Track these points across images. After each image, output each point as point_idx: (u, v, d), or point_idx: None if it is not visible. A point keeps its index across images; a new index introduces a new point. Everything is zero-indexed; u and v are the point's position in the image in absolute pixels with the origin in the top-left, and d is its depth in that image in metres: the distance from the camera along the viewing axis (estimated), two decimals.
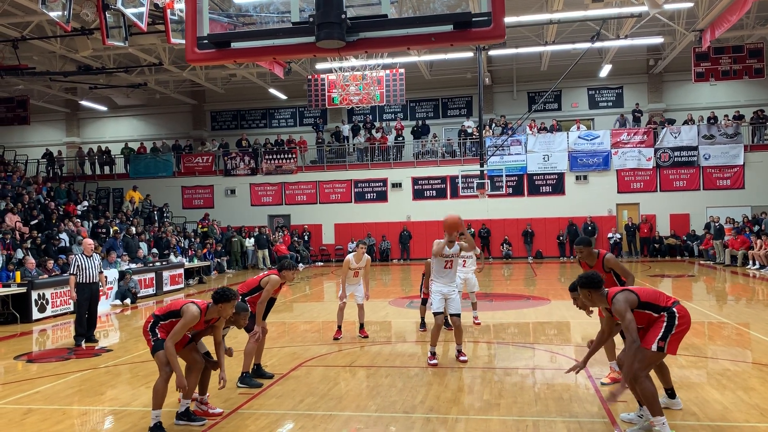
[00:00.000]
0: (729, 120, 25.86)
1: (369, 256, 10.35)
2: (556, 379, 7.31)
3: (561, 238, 26.20)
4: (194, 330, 5.89)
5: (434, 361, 8.06)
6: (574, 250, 7.15)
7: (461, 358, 8.22)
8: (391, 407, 6.29)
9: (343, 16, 3.36)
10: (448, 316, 8.74)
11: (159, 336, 5.71)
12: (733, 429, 5.44)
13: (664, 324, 5.19)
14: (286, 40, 3.52)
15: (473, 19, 3.33)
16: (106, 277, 12.03)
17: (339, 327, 10.19)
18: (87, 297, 10.59)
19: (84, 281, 10.53)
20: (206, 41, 3.62)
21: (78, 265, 10.55)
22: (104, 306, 15.33)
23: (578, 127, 27.29)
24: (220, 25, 3.86)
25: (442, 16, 3.44)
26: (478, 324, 10.87)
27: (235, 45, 3.61)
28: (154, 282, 17.77)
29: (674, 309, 5.22)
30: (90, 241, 11.02)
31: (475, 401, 6.45)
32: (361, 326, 10.27)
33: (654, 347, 5.17)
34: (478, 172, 23.05)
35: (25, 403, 6.85)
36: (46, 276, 14.38)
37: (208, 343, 6.29)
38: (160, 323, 5.78)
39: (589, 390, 6.77)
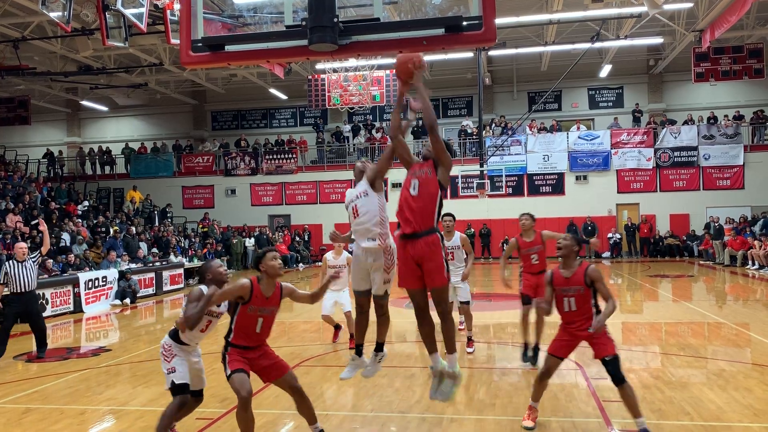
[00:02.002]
0: (729, 120, 25.87)
1: (350, 254, 9.80)
2: (552, 379, 7.31)
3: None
4: (264, 308, 4.98)
5: None
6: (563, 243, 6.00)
7: (468, 349, 8.24)
8: (387, 407, 6.32)
9: (336, 19, 3.39)
10: (456, 307, 8.57)
11: (228, 364, 4.94)
12: (726, 429, 5.47)
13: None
14: (279, 44, 3.55)
15: (464, 23, 3.36)
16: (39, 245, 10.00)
17: (336, 327, 9.63)
18: (17, 310, 9.22)
19: (16, 290, 9.10)
20: (200, 44, 3.65)
21: (6, 272, 9.08)
22: (104, 306, 15.42)
23: (578, 127, 27.31)
24: (214, 27, 3.90)
25: (434, 20, 3.48)
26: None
27: (228, 48, 3.65)
28: (153, 282, 17.82)
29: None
30: (23, 244, 9.57)
31: (471, 401, 6.48)
32: (352, 336, 9.42)
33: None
34: (478, 172, 23.08)
35: (24, 403, 6.90)
36: (46, 276, 14.42)
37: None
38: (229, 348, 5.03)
39: (585, 390, 6.79)
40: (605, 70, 26.43)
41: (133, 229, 21.27)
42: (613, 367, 5.16)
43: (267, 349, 5.14)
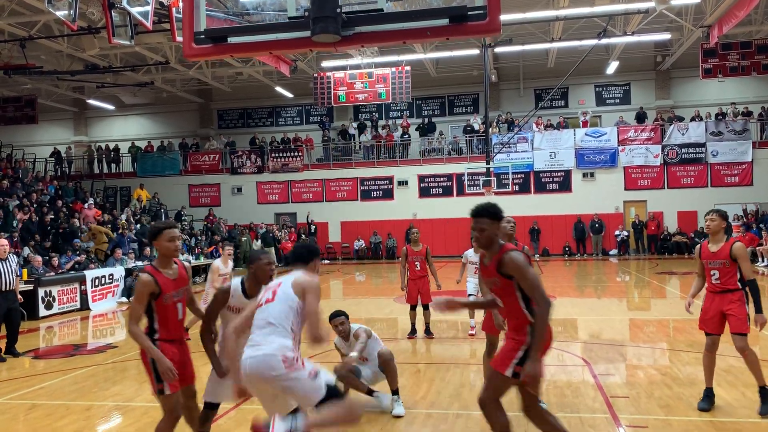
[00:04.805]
0: (737, 111, 25.72)
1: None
2: (559, 375, 7.29)
3: (567, 248, 26.11)
4: (170, 294, 4.49)
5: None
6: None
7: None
8: None
9: (339, 10, 3.36)
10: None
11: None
12: (735, 425, 5.41)
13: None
14: (282, 35, 3.52)
15: (468, 13, 3.32)
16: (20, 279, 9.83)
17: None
18: (2, 308, 9.05)
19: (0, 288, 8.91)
20: (203, 36, 3.63)
21: None
22: (110, 303, 15.46)
23: (585, 124, 27.19)
24: (218, 22, 3.88)
25: (438, 10, 3.44)
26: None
27: (231, 40, 3.62)
28: None
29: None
30: (3, 241, 9.22)
31: (477, 397, 6.42)
32: None
33: (509, 372, 4.04)
34: (485, 170, 23.01)
35: (30, 399, 6.91)
36: (52, 273, 14.48)
37: None
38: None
39: (592, 386, 6.74)
40: (612, 67, 26.29)
41: (140, 227, 21.31)
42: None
43: (186, 345, 4.72)
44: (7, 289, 9.03)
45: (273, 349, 3.74)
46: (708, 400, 5.85)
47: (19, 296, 9.74)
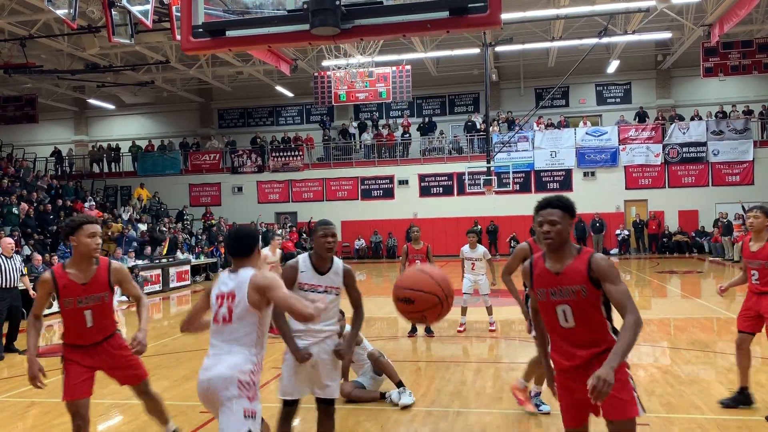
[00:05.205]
0: (737, 113, 25.67)
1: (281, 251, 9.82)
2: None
3: None
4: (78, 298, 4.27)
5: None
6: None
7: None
8: None
9: (338, 2, 3.34)
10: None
11: (64, 382, 4.42)
12: (738, 422, 5.38)
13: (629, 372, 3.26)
14: (281, 28, 3.50)
15: (469, 5, 3.30)
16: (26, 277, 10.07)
17: None
18: (6, 303, 9.23)
19: (2, 285, 9.13)
20: (201, 30, 3.60)
21: None
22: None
23: (585, 123, 27.16)
24: (216, 19, 3.85)
25: (438, 3, 3.40)
26: (493, 331, 9.98)
27: (229, 33, 3.60)
28: (160, 278, 17.83)
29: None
30: (9, 240, 9.57)
31: (478, 395, 6.41)
32: None
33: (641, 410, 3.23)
34: (485, 169, 22.97)
35: (29, 397, 6.88)
36: None
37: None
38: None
39: None
40: (613, 66, 26.27)
41: (141, 226, 21.31)
42: None
43: (116, 350, 4.50)
44: (10, 286, 9.16)
45: (230, 370, 3.33)
46: (738, 399, 5.64)
47: (33, 292, 9.82)
